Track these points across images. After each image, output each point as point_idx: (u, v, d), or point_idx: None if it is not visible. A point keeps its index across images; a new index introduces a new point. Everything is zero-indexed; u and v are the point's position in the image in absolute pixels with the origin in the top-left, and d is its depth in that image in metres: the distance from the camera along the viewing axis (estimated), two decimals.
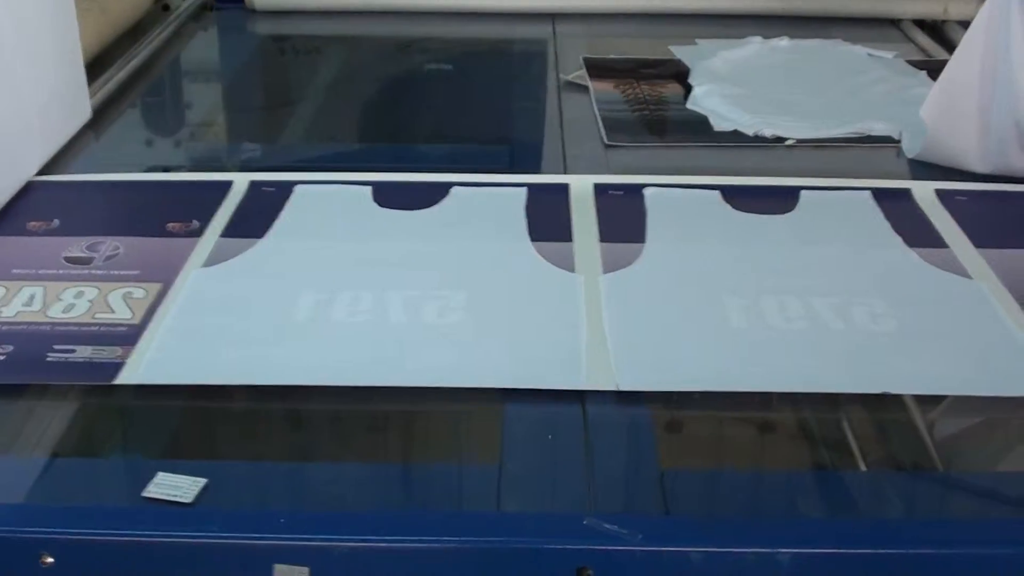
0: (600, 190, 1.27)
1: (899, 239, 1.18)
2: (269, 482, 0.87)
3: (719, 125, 1.48)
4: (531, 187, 1.28)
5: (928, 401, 0.96)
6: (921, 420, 0.95)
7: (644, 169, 1.34)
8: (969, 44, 1.33)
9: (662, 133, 1.48)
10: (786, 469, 0.92)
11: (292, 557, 0.76)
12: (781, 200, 1.25)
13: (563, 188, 1.28)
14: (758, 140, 1.45)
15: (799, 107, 1.54)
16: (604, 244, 1.15)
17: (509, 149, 1.50)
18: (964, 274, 1.12)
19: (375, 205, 1.24)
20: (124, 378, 0.94)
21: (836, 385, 0.95)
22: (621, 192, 1.27)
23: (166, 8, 1.97)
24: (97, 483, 0.87)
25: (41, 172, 1.32)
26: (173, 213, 1.21)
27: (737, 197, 1.25)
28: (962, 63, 1.34)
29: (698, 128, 1.48)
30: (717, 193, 1.26)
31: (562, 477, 0.86)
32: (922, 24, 1.97)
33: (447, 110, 1.62)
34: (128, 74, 1.66)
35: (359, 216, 1.22)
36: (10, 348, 0.97)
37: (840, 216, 1.24)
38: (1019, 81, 1.29)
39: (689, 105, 1.55)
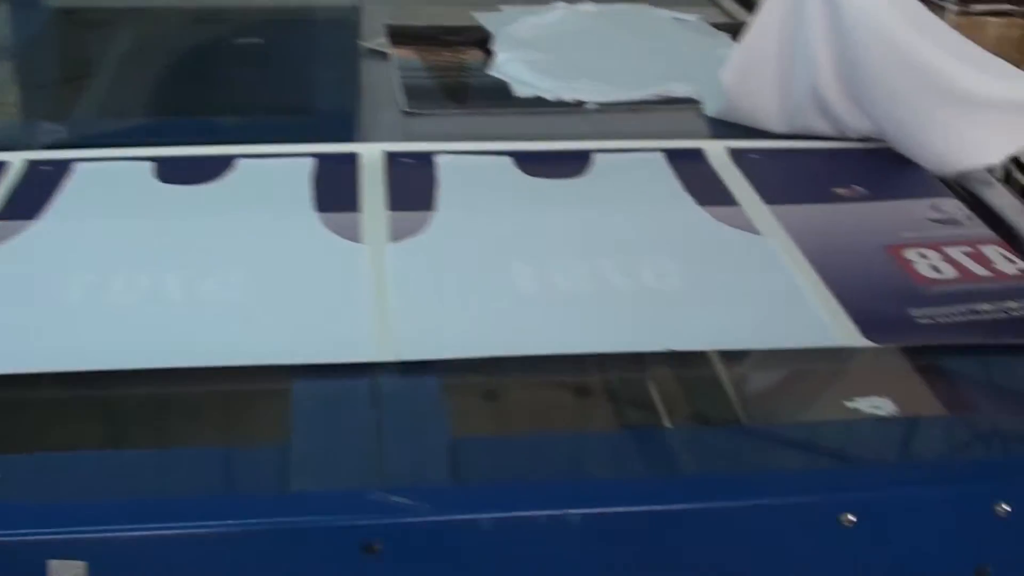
0: (392, 158, 1.24)
1: (690, 198, 1.19)
2: (45, 474, 0.82)
3: (520, 91, 1.47)
4: (320, 157, 1.24)
5: (718, 356, 0.96)
6: (712, 375, 0.96)
7: (444, 136, 1.32)
8: (769, 10, 1.36)
9: (463, 100, 1.47)
10: (577, 430, 0.92)
11: (66, 551, 0.73)
12: (574, 164, 1.25)
13: (353, 157, 1.25)
14: (559, 105, 1.44)
15: (603, 71, 1.54)
16: (393, 213, 1.13)
17: (307, 119, 1.47)
18: (753, 230, 1.13)
19: (157, 181, 1.20)
20: None
21: (621, 345, 0.95)
22: (413, 160, 1.25)
23: None
24: None
25: None
26: None
27: (530, 162, 1.24)
28: (762, 28, 1.36)
29: (499, 94, 1.47)
30: (509, 159, 1.25)
31: (353, 453, 0.84)
32: None
33: (245, 82, 1.57)
34: None
35: (140, 193, 1.18)
36: None
37: (632, 177, 1.24)
38: (815, 47, 1.32)
39: (491, 71, 1.54)
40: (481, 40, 1.65)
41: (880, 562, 0.83)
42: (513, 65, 1.53)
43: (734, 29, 1.69)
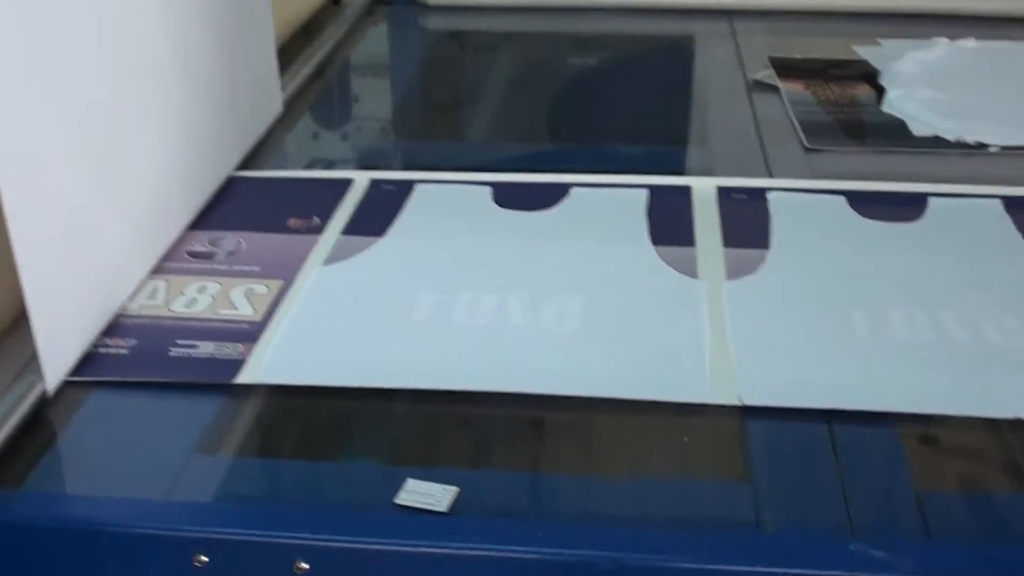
0: (723, 193, 1.23)
1: None
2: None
3: (919, 130, 1.44)
4: (652, 188, 1.24)
5: None
6: None
7: (845, 175, 1.31)
8: None
9: (861, 137, 1.44)
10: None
11: None
12: (909, 207, 1.21)
13: (685, 191, 1.24)
14: (959, 146, 1.40)
15: (998, 112, 1.49)
16: (728, 249, 1.12)
17: (700, 151, 1.47)
18: None
19: (494, 205, 1.23)
20: (244, 377, 0.93)
21: (966, 407, 0.90)
22: (744, 196, 1.23)
23: (336, 2, 1.98)
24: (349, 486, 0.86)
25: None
26: (295, 210, 1.21)
27: (861, 203, 1.21)
28: None
29: (897, 133, 1.44)
30: (842, 199, 1.22)
31: (815, 495, 0.84)
32: None
33: (610, 110, 1.58)
34: (309, 70, 1.66)
35: (479, 216, 1.20)
36: (133, 342, 0.98)
37: (966, 225, 1.18)
38: None
39: (885, 108, 1.51)
40: (866, 75, 1.62)
41: None
42: (908, 103, 1.50)
43: None
